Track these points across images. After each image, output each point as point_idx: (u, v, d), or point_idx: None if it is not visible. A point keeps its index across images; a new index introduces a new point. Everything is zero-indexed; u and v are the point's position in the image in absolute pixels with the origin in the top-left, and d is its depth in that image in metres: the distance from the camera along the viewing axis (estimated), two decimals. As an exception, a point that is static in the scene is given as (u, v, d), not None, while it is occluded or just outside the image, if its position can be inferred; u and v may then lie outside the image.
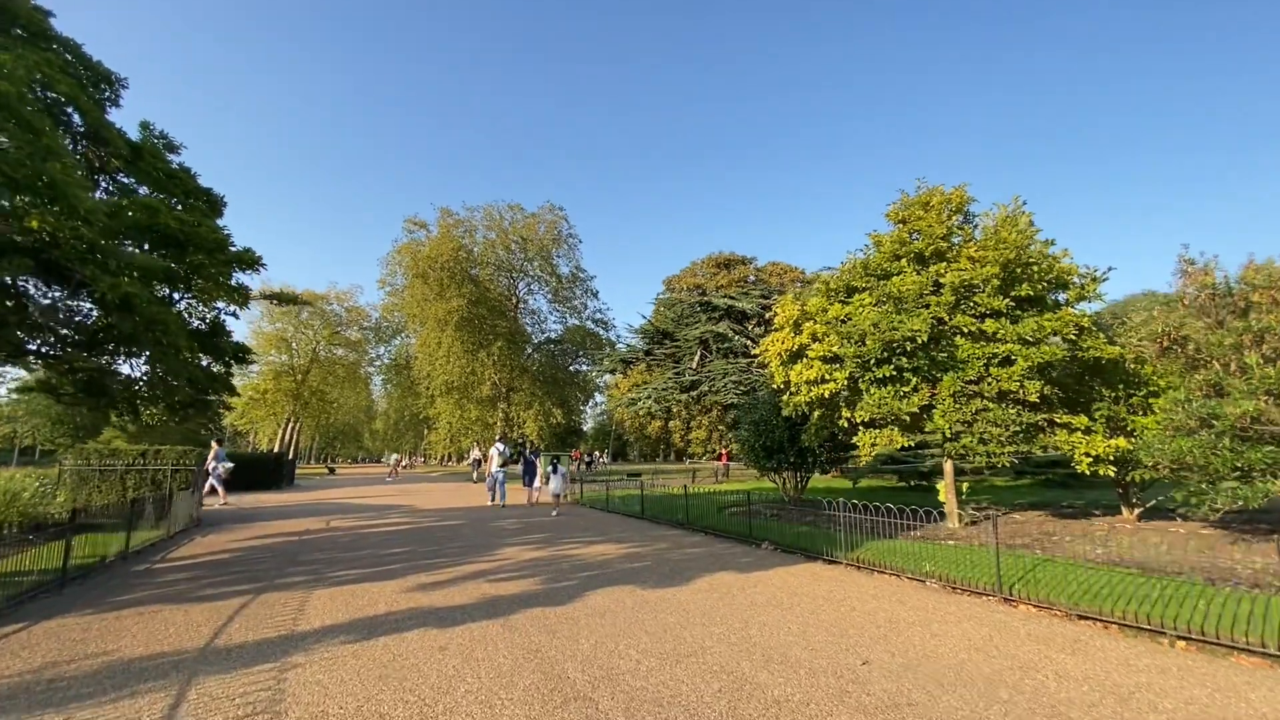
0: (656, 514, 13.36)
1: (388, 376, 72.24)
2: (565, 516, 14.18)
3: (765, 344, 11.79)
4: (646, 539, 10.50)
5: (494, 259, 50.26)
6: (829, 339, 10.47)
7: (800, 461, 13.43)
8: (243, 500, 19.58)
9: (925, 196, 11.12)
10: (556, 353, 57.76)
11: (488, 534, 11.28)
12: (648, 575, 7.48)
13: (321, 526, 12.82)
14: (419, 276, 47.58)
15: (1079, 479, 17.55)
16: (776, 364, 11.37)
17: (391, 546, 9.97)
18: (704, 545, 9.89)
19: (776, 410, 13.81)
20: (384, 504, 17.73)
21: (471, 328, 47.22)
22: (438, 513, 15.25)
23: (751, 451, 13.83)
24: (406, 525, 12.76)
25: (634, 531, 11.54)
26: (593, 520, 13.46)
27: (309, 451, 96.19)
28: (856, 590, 6.79)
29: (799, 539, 9.64)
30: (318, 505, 17.60)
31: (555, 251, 53.14)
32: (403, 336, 68.25)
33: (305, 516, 14.68)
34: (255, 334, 63.12)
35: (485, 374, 48.82)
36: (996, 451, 8.96)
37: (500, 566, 8.16)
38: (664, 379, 24.38)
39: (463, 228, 50.26)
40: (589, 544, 10.00)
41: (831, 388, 10.13)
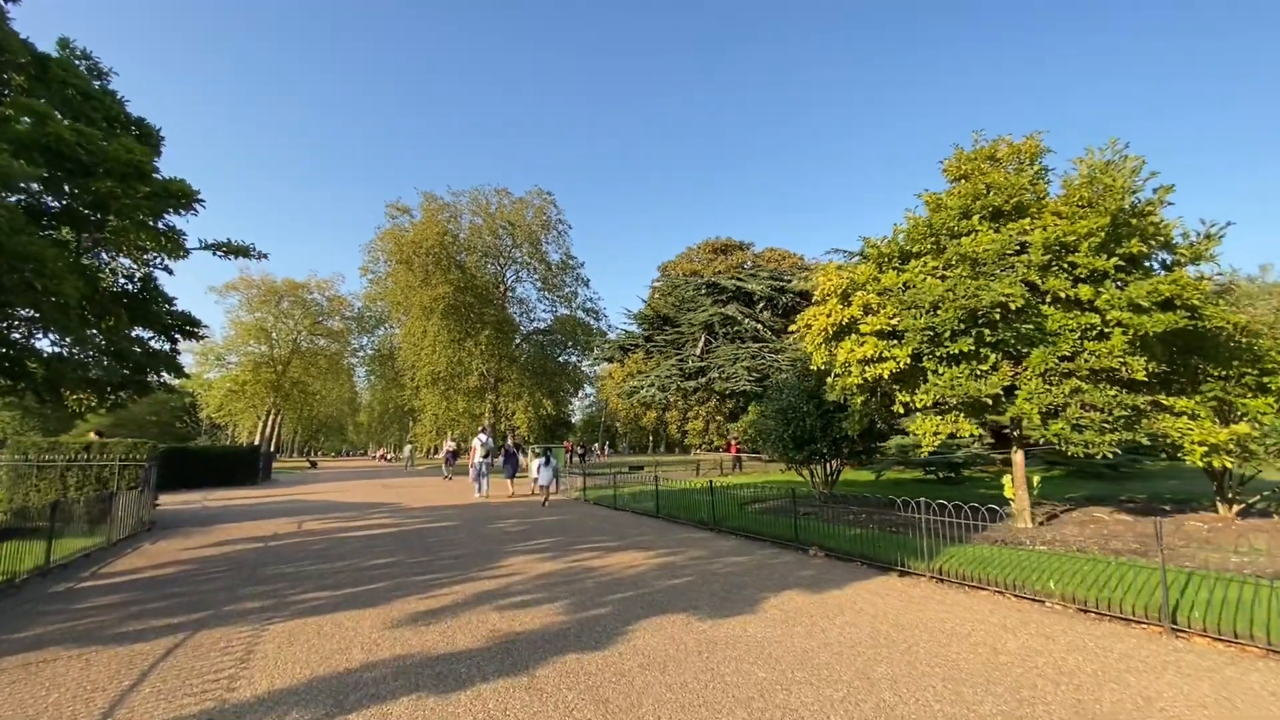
0: (675, 513, 11.79)
1: (371, 368, 69.92)
2: (571, 516, 12.56)
3: (805, 319, 10.22)
4: (673, 544, 8.93)
5: (481, 245, 48.25)
6: (884, 310, 8.93)
7: (835, 452, 11.90)
8: (211, 498, 17.72)
9: (989, 149, 9.60)
10: (545, 343, 55.91)
11: (487, 538, 9.64)
12: (697, 597, 5.90)
13: (293, 529, 11.10)
14: (403, 263, 45.48)
15: (1115, 469, 16.26)
16: (818, 341, 9.81)
17: (374, 556, 8.29)
18: (743, 551, 8.32)
19: (807, 395, 12.28)
20: (366, 501, 15.98)
21: (458, 316, 45.28)
22: (427, 512, 13.55)
23: (779, 442, 12.29)
24: (392, 527, 11.06)
25: (654, 534, 9.97)
26: (603, 520, 11.86)
27: (291, 445, 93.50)
28: (969, 616, 5.26)
29: (856, 544, 8.12)
30: (292, 503, 15.80)
31: (544, 237, 51.19)
32: (386, 327, 66.01)
33: (277, 517, 12.91)
34: (234, 323, 60.65)
35: (473, 364, 46.92)
36: (1094, 440, 7.48)
37: (509, 585, 6.53)
38: (666, 366, 22.80)
39: (447, 213, 48.19)
40: (609, 551, 8.39)
41: (890, 367, 8.59)
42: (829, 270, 10.13)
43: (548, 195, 51.13)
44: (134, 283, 7.66)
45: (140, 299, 7.70)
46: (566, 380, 55.88)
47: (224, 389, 61.03)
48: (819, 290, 10.13)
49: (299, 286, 63.09)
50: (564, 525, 11.06)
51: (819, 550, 8.28)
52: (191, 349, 61.20)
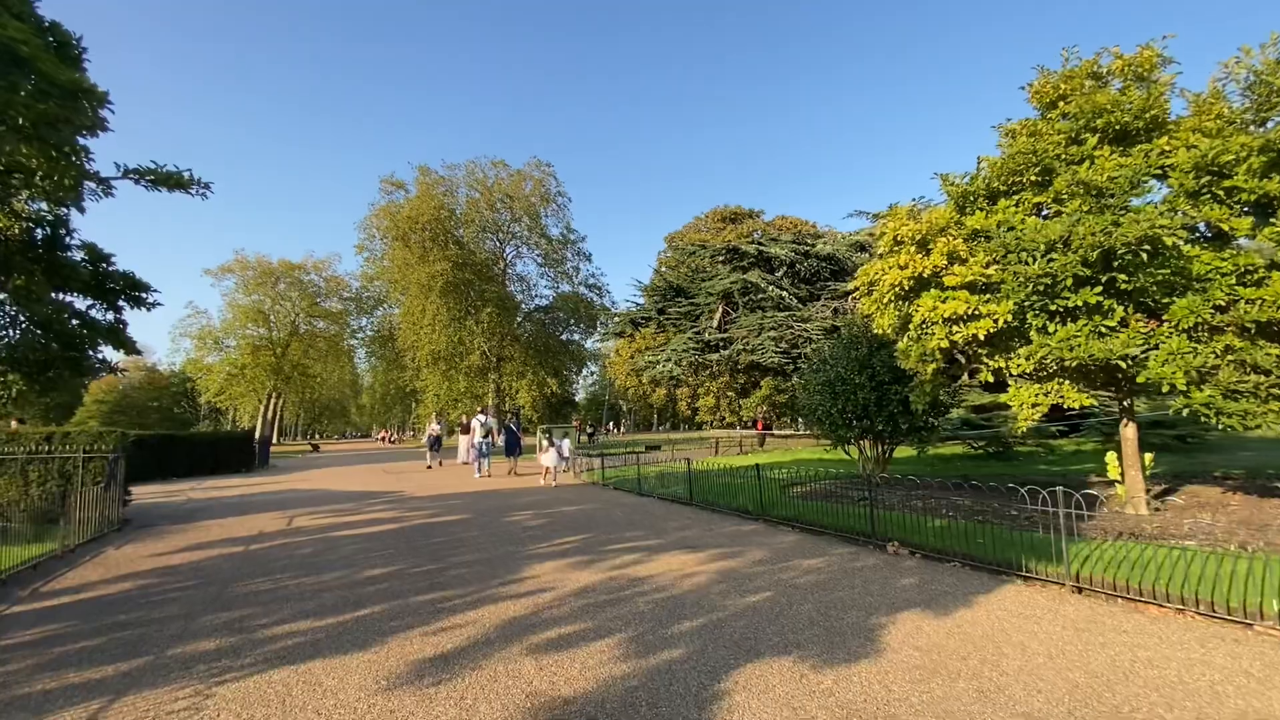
0: (711, 499, 10.35)
1: (371, 349, 68.37)
2: (593, 504, 11.12)
3: (868, 274, 8.64)
4: (724, 541, 7.47)
5: (479, 219, 46.36)
6: (976, 258, 7.36)
7: (892, 429, 10.41)
8: (201, 488, 16.29)
9: (1088, 65, 7.93)
10: (547, 321, 54.34)
11: (504, 535, 8.18)
12: (791, 627, 4.43)
13: (282, 526, 9.65)
14: (399, 239, 43.67)
15: (1183, 440, 14.82)
16: (886, 300, 8.24)
17: (370, 564, 6.83)
18: (810, 550, 6.86)
19: (859, 365, 10.75)
20: (366, 490, 14.54)
21: (458, 294, 43.60)
22: (433, 501, 12.11)
23: (826, 418, 10.80)
24: (393, 523, 9.61)
25: (696, 527, 8.52)
26: (630, 509, 10.42)
27: (294, 428, 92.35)
28: (1176, 653, 3.78)
29: (947, 539, 6.67)
30: (286, 494, 14.37)
31: (544, 211, 49.29)
32: (385, 307, 64.33)
33: (266, 511, 11.47)
34: (230, 306, 59.04)
35: (474, 343, 45.37)
36: (1254, 410, 5.98)
37: (540, 608, 5.06)
38: (682, 340, 21.24)
39: (443, 187, 46.23)
40: (651, 552, 6.94)
41: (984, 327, 7.05)
42: (898, 215, 8.51)
43: (546, 166, 49.00)
44: (44, 228, 5.97)
45: (52, 249, 6.03)
46: (570, 358, 54.34)
47: (223, 373, 59.59)
48: (884, 240, 8.53)
49: (295, 267, 61.32)
50: (589, 517, 9.61)
51: (899, 546, 6.85)
52: (189, 333, 59.73)
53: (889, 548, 6.93)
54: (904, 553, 6.73)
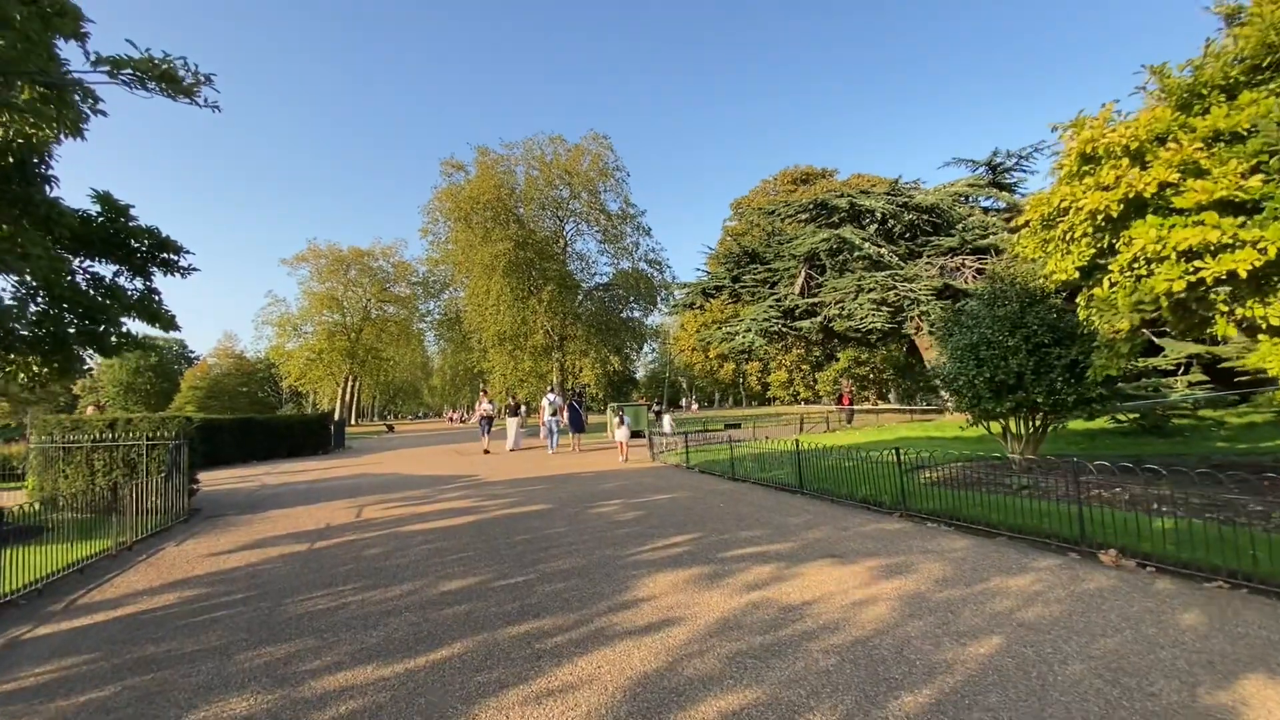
0: (828, 487, 8.71)
1: (440, 332, 69.11)
2: (686, 492, 9.65)
3: (1049, 201, 6.67)
4: (871, 545, 5.86)
5: (538, 197, 45.34)
6: (1227, 168, 5.34)
7: (1055, 402, 8.41)
8: (277, 471, 15.84)
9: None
10: (608, 299, 53.23)
11: (596, 534, 6.82)
12: (1083, 714, 2.83)
13: (350, 518, 8.65)
14: (461, 220, 43.25)
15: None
16: (1081, 232, 6.30)
17: (446, 572, 5.58)
18: (1005, 564, 5.13)
19: (1010, 325, 8.78)
20: (439, 474, 13.60)
21: (520, 273, 42.90)
22: (509, 488, 10.95)
23: (969, 389, 8.90)
24: (469, 515, 8.43)
25: (824, 523, 6.92)
26: (729, 497, 8.91)
27: (370, 409, 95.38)
28: None
29: (1190, 545, 4.84)
30: (359, 479, 13.60)
31: (602, 186, 47.85)
32: (451, 290, 64.74)
33: (337, 498, 10.59)
34: (306, 293, 60.56)
35: (537, 322, 44.71)
36: None
37: (672, 656, 3.61)
38: (762, 309, 19.39)
39: (503, 166, 45.42)
40: (787, 562, 5.39)
41: (1247, 259, 5.06)
42: (1078, 124, 6.50)
43: (604, 140, 47.39)
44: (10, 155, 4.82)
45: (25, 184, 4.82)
46: (630, 336, 53.17)
47: (302, 358, 61.45)
48: (1068, 159, 6.55)
49: (364, 254, 62.30)
50: (686, 510, 8.15)
51: (1118, 556, 5.09)
52: (271, 320, 61.83)
53: (1104, 557, 5.18)
54: (1128, 564, 4.97)
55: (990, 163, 20.39)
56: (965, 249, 17.69)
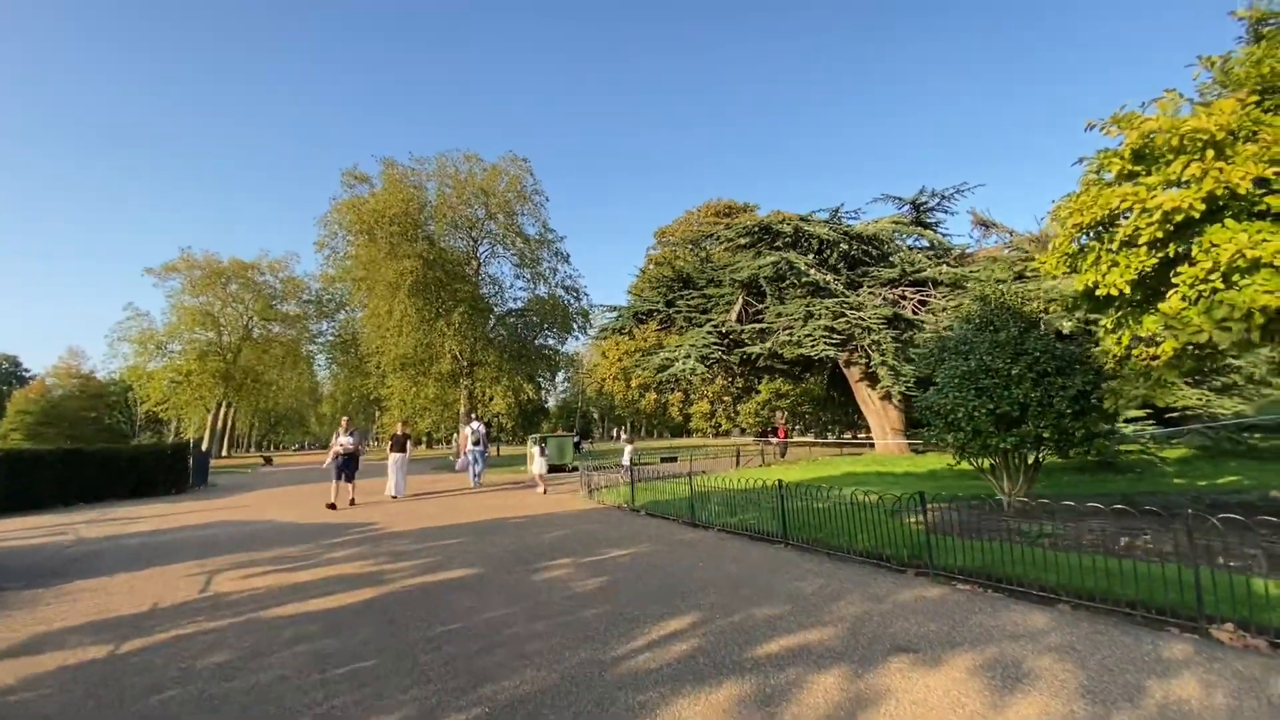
0: (818, 537, 7.25)
1: (333, 355, 63.33)
2: (647, 545, 7.85)
3: (1101, 202, 5.67)
4: (938, 626, 4.37)
5: (450, 215, 42.65)
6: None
7: (1062, 437, 7.47)
8: (106, 517, 12.37)
9: None
10: (521, 325, 50.91)
11: (554, 617, 4.86)
12: None
13: (192, 594, 6.14)
14: (364, 234, 39.62)
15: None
16: (1146, 238, 5.30)
17: (331, 706, 3.50)
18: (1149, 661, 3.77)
19: (1012, 350, 7.82)
20: (327, 522, 10.94)
21: (428, 293, 39.81)
22: (419, 541, 8.66)
23: (967, 422, 7.79)
24: (366, 588, 6.16)
25: (847, 590, 5.39)
26: (701, 551, 7.24)
27: (247, 439, 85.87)
28: None
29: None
30: (217, 528, 10.66)
31: (520, 208, 45.92)
32: (348, 310, 59.70)
33: (180, 558, 7.87)
34: (175, 307, 53.59)
35: (445, 346, 41.57)
36: None
37: None
38: (700, 335, 18.16)
39: (412, 180, 42.45)
40: (858, 665, 3.74)
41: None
42: (1133, 118, 5.60)
43: (523, 162, 45.75)
44: None
45: None
46: (544, 364, 50.98)
47: (166, 380, 53.96)
48: (1115, 160, 5.62)
49: (248, 267, 56.14)
50: (659, 571, 6.37)
51: (1244, 635, 3.93)
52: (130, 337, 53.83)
53: (1221, 634, 4.01)
54: (1258, 643, 3.81)
55: (915, 201, 20.61)
56: (904, 280, 17.47)
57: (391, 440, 14.79)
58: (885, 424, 19.63)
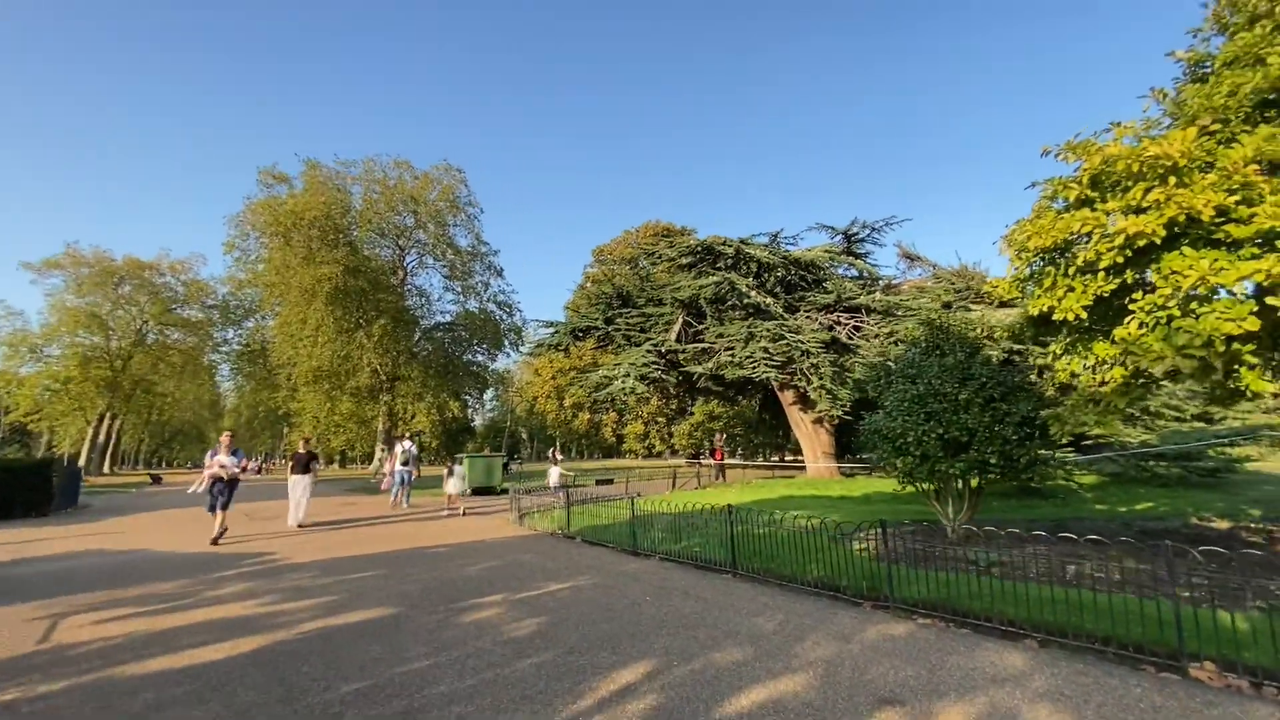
0: (768, 566, 6.83)
1: (238, 365, 58.79)
2: (589, 577, 7.17)
3: (1055, 228, 5.59)
4: (914, 671, 3.96)
5: (377, 221, 40.63)
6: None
7: (1008, 462, 7.43)
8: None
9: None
10: (449, 340, 48.99)
11: (483, 670, 4.11)
12: None
13: (28, 646, 4.94)
14: (279, 236, 37.07)
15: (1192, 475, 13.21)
16: (1108, 262, 5.24)
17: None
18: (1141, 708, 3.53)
19: (960, 375, 7.77)
20: (215, 551, 9.56)
21: (348, 302, 37.60)
22: (323, 574, 7.59)
23: (917, 447, 7.63)
24: (253, 634, 5.16)
25: (810, 628, 4.94)
26: (650, 583, 6.65)
27: (134, 455, 78.13)
28: None
29: None
30: (81, 559, 9.07)
31: (452, 219, 44.46)
32: (258, 318, 55.66)
33: (25, 598, 6.48)
34: (55, 307, 48.26)
35: (364, 359, 39.32)
36: None
37: None
38: (640, 354, 17.68)
39: (336, 182, 40.26)
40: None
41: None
42: (1089, 145, 5.62)
43: (457, 172, 44.40)
44: None
45: None
46: (472, 381, 49.22)
47: (39, 387, 48.31)
48: (1072, 188, 5.61)
49: (145, 267, 51.43)
50: (603, 609, 5.72)
51: (1217, 671, 3.79)
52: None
53: (1200, 673, 3.84)
54: (1240, 683, 3.65)
55: (847, 231, 21.19)
56: (839, 306, 17.78)
57: (293, 459, 12.81)
58: (817, 447, 19.81)
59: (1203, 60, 6.39)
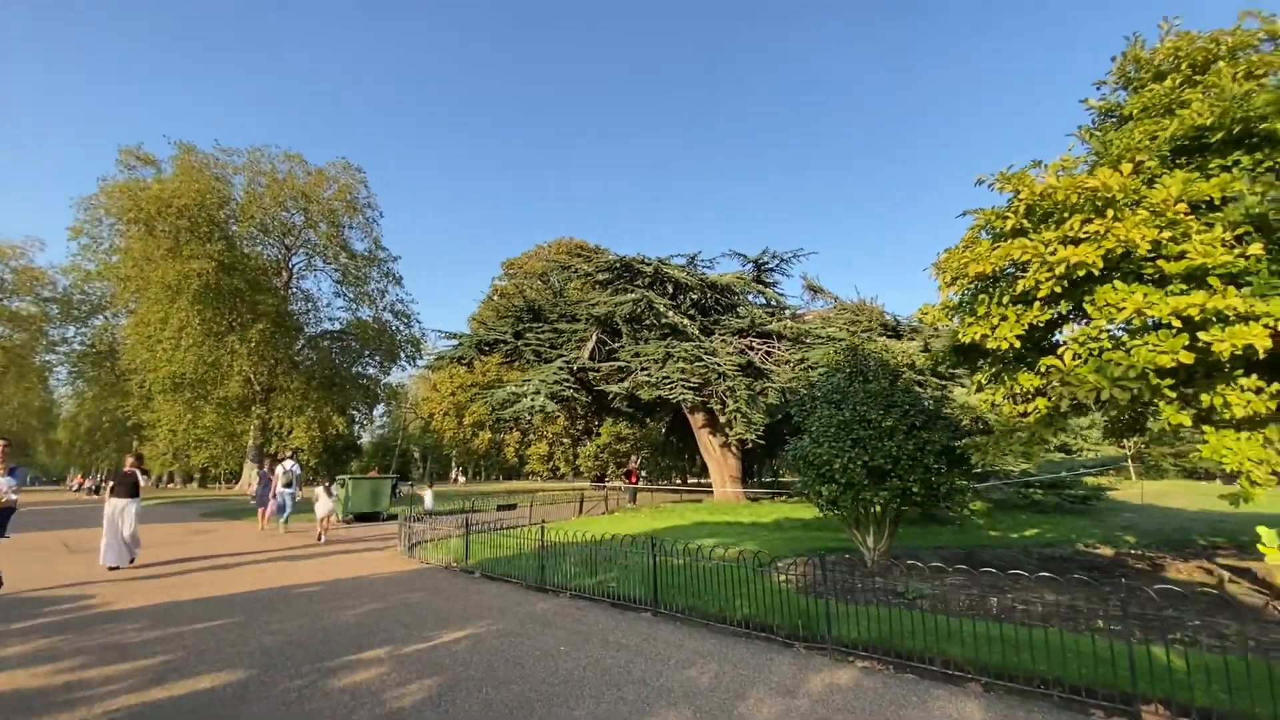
0: (692, 604, 6.27)
1: (79, 368, 51.47)
2: (489, 624, 6.23)
3: (989, 258, 5.51)
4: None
5: (260, 216, 37.14)
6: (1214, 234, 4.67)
7: (928, 492, 7.36)
8: None
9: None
10: (337, 349, 45.45)
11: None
12: None
13: None
14: (140, 224, 32.97)
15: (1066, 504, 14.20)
16: (1046, 292, 5.20)
17: None
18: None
19: (884, 401, 7.66)
20: (13, 592, 7.62)
21: (220, 303, 33.89)
22: (153, 626, 6.13)
23: (842, 474, 7.39)
24: (41, 716, 3.90)
25: (749, 682, 4.38)
26: (563, 628, 5.86)
27: (-68, 470, 65.70)
28: None
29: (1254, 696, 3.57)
30: None
31: (348, 221, 41.59)
32: (107, 315, 49.16)
33: None
34: None
35: (236, 366, 35.46)
36: None
37: None
38: (551, 371, 16.72)
39: (214, 169, 36.54)
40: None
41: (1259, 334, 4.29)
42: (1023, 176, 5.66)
43: (357, 171, 41.73)
44: None
45: None
46: (361, 394, 45.84)
47: None
48: (1008, 218, 5.61)
49: (-39, 249, 44.23)
50: (512, 665, 4.87)
51: (1167, 715, 3.66)
52: None
53: (1152, 716, 3.69)
54: None
55: (758, 260, 21.62)
56: (753, 331, 17.90)
57: (112, 479, 9.93)
58: (725, 471, 19.75)
59: (1113, 109, 6.75)
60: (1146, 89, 6.15)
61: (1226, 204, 4.91)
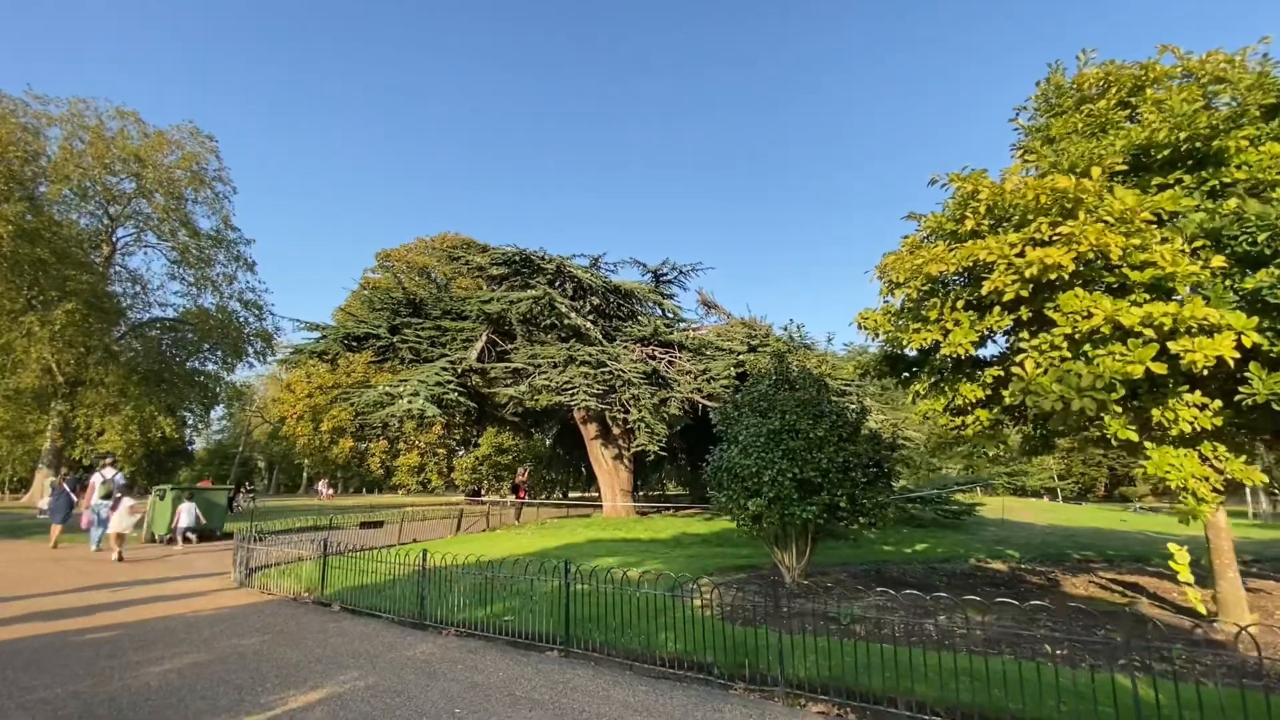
0: (607, 640, 5.32)
1: None
2: (354, 677, 4.85)
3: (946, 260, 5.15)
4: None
5: (78, 179, 31.37)
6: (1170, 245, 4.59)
7: (854, 507, 6.93)
8: None
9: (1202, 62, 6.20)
10: (169, 340, 39.38)
11: None
12: None
13: None
14: (-94, 169, 26.58)
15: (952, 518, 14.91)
16: (1011, 295, 4.89)
17: None
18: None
19: (813, 411, 7.18)
20: None
21: (16, 275, 28.25)
22: None
23: (771, 488, 6.77)
24: None
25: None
26: (453, 678, 4.64)
27: None
28: None
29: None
30: None
31: (192, 193, 36.40)
32: None
33: None
34: None
35: (33, 352, 29.45)
36: None
37: None
38: (433, 371, 14.83)
39: (22, 117, 30.55)
40: None
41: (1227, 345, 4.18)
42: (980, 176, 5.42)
43: (207, 139, 36.70)
44: None
45: None
46: (197, 394, 39.99)
47: None
48: (968, 218, 5.32)
49: None
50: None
51: None
52: None
53: None
54: None
55: (657, 270, 21.25)
56: (655, 340, 17.28)
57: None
58: (616, 485, 18.91)
59: (1039, 129, 6.84)
60: (1082, 109, 6.24)
61: (1175, 218, 4.90)
